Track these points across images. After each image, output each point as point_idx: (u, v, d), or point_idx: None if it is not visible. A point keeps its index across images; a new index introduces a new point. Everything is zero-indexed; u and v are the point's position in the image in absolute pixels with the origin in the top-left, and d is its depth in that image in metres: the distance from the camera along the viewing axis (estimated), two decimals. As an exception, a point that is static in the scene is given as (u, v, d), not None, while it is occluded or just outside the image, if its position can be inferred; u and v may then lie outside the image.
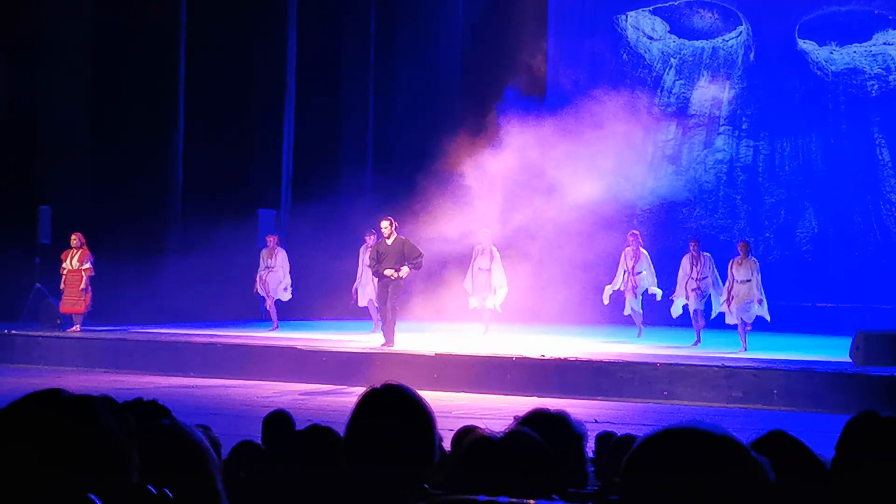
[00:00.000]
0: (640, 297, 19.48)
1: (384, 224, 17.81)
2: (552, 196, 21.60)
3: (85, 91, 22.36)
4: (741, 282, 17.71)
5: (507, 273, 20.01)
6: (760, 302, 17.73)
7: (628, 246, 19.60)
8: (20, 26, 21.79)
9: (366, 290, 19.94)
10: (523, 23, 25.03)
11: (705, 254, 18.60)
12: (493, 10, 25.43)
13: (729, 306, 17.74)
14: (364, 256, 19.65)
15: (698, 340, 18.44)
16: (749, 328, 17.91)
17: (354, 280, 20.30)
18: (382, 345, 17.52)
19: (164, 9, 22.48)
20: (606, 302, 19.74)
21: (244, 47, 23.54)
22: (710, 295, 18.53)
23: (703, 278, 18.42)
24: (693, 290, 18.38)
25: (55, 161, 22.07)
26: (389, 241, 17.71)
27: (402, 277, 17.61)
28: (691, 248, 18.64)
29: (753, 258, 18.10)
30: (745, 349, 17.56)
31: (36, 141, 22.30)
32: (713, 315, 18.73)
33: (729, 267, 17.92)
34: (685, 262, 18.64)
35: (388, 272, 17.52)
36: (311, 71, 24.47)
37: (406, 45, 25.61)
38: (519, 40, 24.75)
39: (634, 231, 20.21)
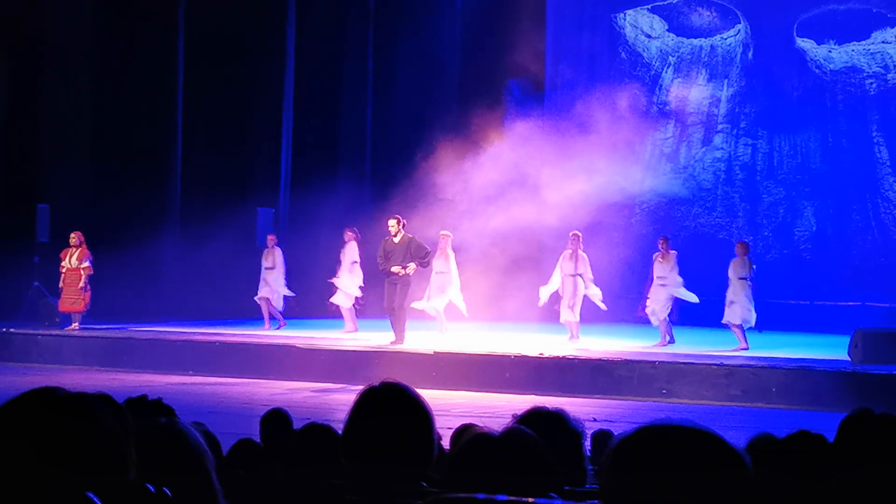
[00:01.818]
0: (580, 303, 18.39)
1: (392, 222, 17.86)
2: (549, 194, 21.56)
3: (84, 89, 22.35)
4: (735, 279, 17.62)
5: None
6: (731, 304, 17.46)
7: (568, 248, 18.58)
8: (22, 26, 21.78)
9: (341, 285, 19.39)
10: (521, 21, 25.02)
11: (672, 251, 18.31)
12: (491, 9, 25.43)
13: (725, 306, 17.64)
14: (345, 252, 19.47)
15: (671, 340, 18.10)
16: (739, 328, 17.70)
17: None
18: (392, 342, 17.55)
19: (164, 8, 22.48)
20: (542, 302, 18.69)
21: (243, 46, 23.55)
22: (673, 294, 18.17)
23: (667, 275, 18.09)
24: (659, 286, 18.06)
25: (54, 159, 22.07)
26: (396, 240, 17.76)
27: (409, 275, 17.67)
28: (659, 245, 18.39)
29: (748, 258, 17.84)
30: (747, 348, 17.44)
31: (35, 139, 22.29)
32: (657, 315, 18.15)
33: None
34: (654, 259, 18.36)
35: (395, 269, 17.59)
36: (310, 70, 24.47)
37: (404, 44, 25.61)
38: (517, 38, 24.73)
39: (576, 232, 18.82)
